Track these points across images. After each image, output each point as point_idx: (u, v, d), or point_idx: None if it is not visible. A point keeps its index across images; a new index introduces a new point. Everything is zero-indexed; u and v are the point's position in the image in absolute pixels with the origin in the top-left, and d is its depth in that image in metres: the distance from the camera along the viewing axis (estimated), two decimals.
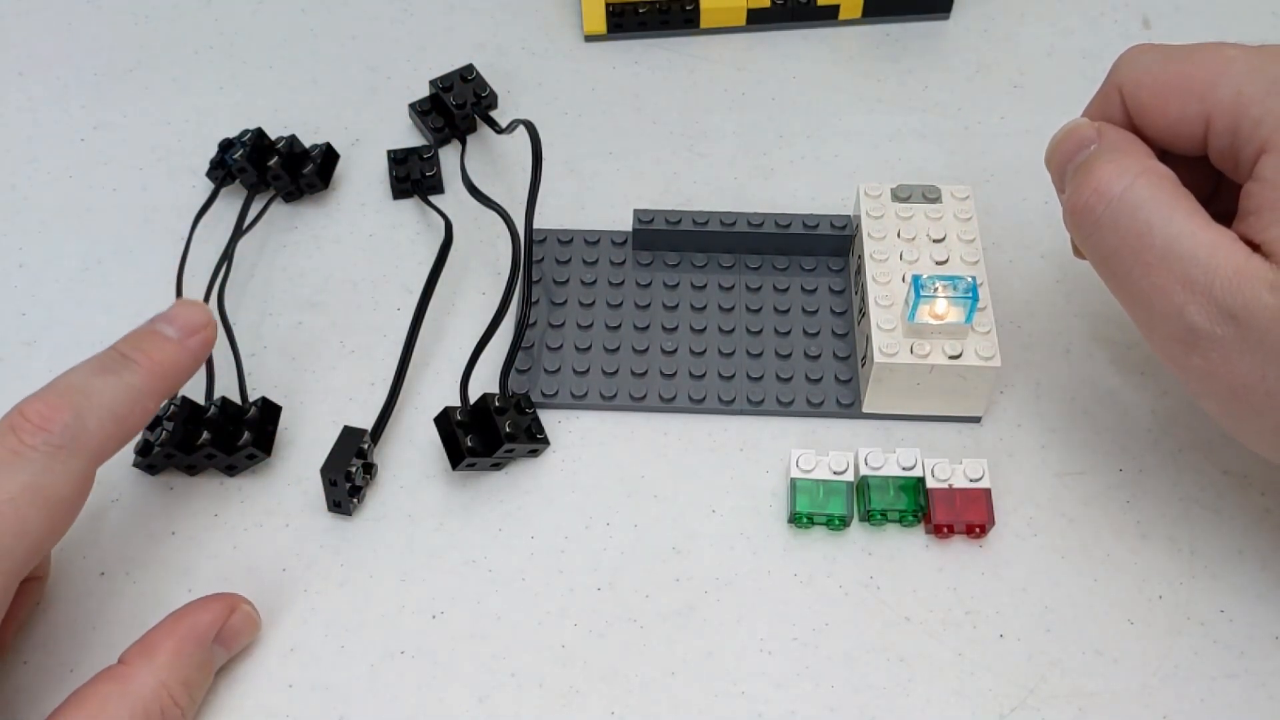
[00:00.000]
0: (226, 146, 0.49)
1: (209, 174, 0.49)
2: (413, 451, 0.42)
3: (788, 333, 0.45)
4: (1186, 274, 0.33)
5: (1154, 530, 0.41)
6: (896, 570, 0.40)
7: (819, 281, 0.46)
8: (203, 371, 0.42)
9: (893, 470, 0.40)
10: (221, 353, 0.43)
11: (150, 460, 0.41)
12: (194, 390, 0.42)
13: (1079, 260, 0.47)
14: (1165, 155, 0.36)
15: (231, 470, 0.41)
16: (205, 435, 0.40)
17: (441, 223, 0.47)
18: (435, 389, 0.44)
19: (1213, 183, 0.38)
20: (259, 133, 0.49)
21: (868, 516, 0.40)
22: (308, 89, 0.54)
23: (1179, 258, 0.33)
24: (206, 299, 0.45)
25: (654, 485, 0.42)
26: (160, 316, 0.38)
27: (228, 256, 0.46)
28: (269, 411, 0.42)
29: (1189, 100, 0.35)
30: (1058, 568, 0.40)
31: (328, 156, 0.49)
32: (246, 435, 0.40)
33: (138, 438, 0.41)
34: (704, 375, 0.44)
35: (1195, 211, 0.34)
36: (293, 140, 0.49)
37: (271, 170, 0.48)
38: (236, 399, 0.42)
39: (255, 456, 0.41)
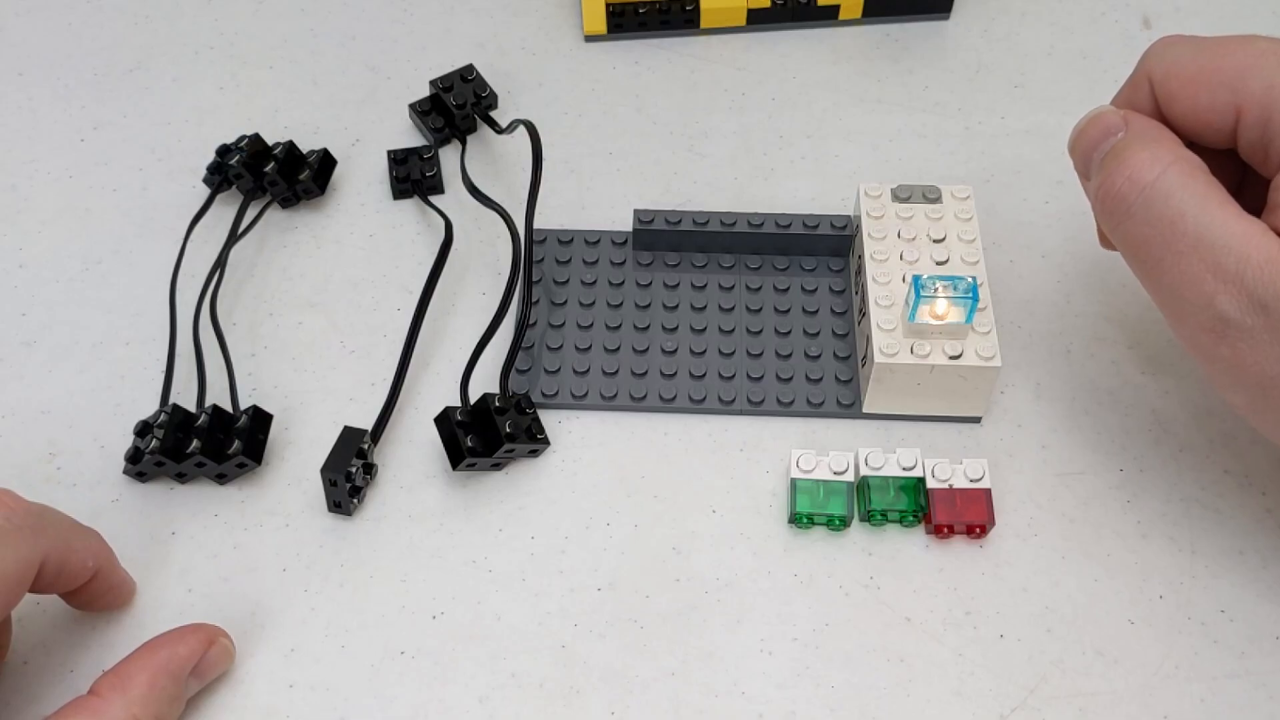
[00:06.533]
0: (224, 152, 0.49)
1: (205, 179, 0.49)
2: (413, 451, 0.42)
3: (788, 333, 0.45)
4: (1218, 263, 0.33)
5: (1154, 530, 0.41)
6: (896, 570, 0.40)
7: (819, 281, 0.46)
8: (194, 379, 0.43)
9: (893, 470, 0.40)
10: (214, 360, 0.43)
11: (140, 468, 0.41)
12: (185, 398, 0.42)
13: (1078, 260, 0.47)
14: (1191, 147, 0.36)
15: (222, 479, 0.41)
16: (195, 444, 0.40)
17: (441, 223, 0.47)
18: (435, 389, 0.44)
19: (1238, 176, 0.38)
20: (256, 138, 0.49)
21: (868, 517, 0.40)
22: (307, 89, 0.54)
23: (1211, 246, 0.33)
24: (199, 306, 0.45)
25: (654, 485, 0.42)
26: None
27: (221, 263, 0.46)
28: (260, 420, 0.42)
29: (1220, 91, 0.35)
30: (1058, 568, 0.40)
31: (325, 162, 0.49)
32: (237, 444, 0.40)
33: (128, 445, 0.42)
34: (704, 375, 0.44)
35: (1227, 201, 0.34)
36: (290, 146, 0.49)
37: (268, 176, 0.48)
38: (228, 407, 0.42)
39: (245, 465, 0.41)
